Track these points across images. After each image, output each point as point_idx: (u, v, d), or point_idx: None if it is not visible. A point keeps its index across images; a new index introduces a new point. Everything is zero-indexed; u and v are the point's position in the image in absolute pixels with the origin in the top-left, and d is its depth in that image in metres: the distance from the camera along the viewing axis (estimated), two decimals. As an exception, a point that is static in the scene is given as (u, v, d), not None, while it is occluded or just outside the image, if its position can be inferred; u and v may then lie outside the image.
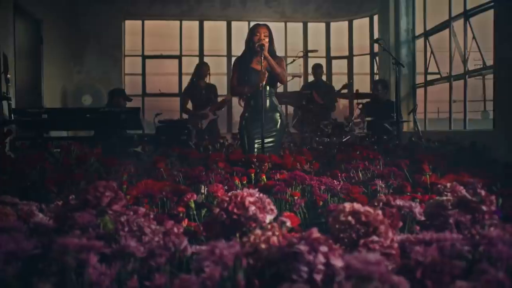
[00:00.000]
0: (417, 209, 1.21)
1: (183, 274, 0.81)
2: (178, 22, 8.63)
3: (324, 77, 8.20)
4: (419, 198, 1.62)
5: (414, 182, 2.00)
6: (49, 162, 2.62)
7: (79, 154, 2.72)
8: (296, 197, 1.83)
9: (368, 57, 8.85)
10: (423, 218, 1.22)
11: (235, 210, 1.07)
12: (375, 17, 8.25)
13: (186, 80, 8.81)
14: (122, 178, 2.12)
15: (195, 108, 5.90)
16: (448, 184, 1.49)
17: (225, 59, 8.90)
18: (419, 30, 6.80)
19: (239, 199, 1.10)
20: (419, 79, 6.82)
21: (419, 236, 0.97)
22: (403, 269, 0.81)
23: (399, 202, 1.26)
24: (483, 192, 1.28)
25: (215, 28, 8.94)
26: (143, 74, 8.52)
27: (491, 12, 4.43)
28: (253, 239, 0.89)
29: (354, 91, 5.80)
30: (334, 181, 2.11)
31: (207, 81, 5.99)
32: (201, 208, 1.51)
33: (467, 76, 5.25)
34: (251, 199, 1.10)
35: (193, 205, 1.46)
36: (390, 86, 6.04)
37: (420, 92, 6.76)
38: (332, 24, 9.19)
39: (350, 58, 9.09)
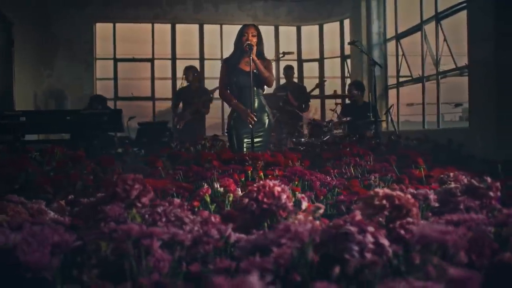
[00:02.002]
0: (432, 196, 1.27)
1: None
2: (150, 25, 8.55)
3: (295, 79, 8.32)
4: (421, 188, 1.68)
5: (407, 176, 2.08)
6: (33, 165, 2.56)
7: (62, 157, 2.68)
8: (297, 192, 1.86)
9: (338, 60, 9.04)
10: (437, 205, 1.28)
11: (265, 200, 1.10)
12: (346, 21, 8.45)
13: (158, 83, 8.76)
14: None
15: (183, 110, 5.95)
16: (451, 174, 1.57)
17: (197, 62, 8.87)
18: (391, 33, 7.01)
19: (267, 188, 1.12)
20: (391, 81, 7.04)
21: (447, 217, 1.02)
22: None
23: (412, 190, 1.33)
24: (489, 179, 1.36)
25: (187, 32, 8.91)
26: (115, 77, 8.38)
27: (461, 15, 4.63)
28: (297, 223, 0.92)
29: (332, 92, 5.91)
30: (327, 177, 2.16)
31: (200, 85, 6.02)
32: (210, 204, 1.53)
33: (439, 77, 5.47)
34: (279, 189, 1.13)
35: (208, 199, 1.47)
36: (364, 88, 6.19)
37: (392, 93, 6.98)
38: (303, 28, 9.35)
39: (321, 61, 9.26)
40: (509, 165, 2.26)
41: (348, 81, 8.44)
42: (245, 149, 3.18)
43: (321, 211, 1.03)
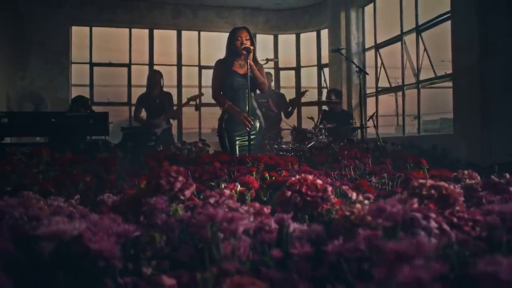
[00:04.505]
0: (458, 190, 1.31)
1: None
2: (127, 30, 8.43)
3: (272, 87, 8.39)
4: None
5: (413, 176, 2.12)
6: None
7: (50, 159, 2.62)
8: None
9: (315, 68, 9.18)
10: (462, 199, 1.32)
11: (309, 192, 1.11)
12: (322, 32, 8.61)
13: (135, 89, 8.62)
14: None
15: (148, 117, 5.78)
16: (466, 172, 1.63)
17: (175, 68, 8.81)
18: (371, 44, 7.19)
19: (309, 181, 1.13)
20: (369, 90, 7.22)
21: (488, 207, 1.06)
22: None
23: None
24: (507, 175, 1.42)
25: (165, 37, 8.84)
26: (91, 82, 8.20)
27: (439, 26, 4.80)
28: (358, 211, 0.93)
29: (317, 99, 5.99)
30: (328, 179, 2.20)
31: (161, 90, 5.88)
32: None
33: (420, 86, 5.64)
34: (320, 182, 1.14)
35: (236, 195, 1.47)
36: (342, 96, 6.31)
37: (371, 101, 7.15)
38: (280, 37, 9.46)
39: (297, 69, 9.38)
40: (503, 168, 2.35)
41: (325, 90, 8.59)
42: (237, 151, 3.18)
43: (369, 201, 1.05)
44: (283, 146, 5.63)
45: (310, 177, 1.15)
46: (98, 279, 0.80)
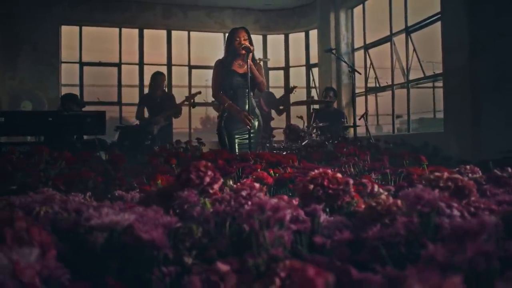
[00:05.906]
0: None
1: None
2: (117, 30, 8.40)
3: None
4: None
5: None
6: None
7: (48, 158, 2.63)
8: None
9: (303, 68, 9.27)
10: (472, 191, 1.40)
11: (330, 185, 1.17)
12: (311, 32, 8.71)
13: (125, 88, 8.60)
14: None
15: (149, 116, 5.87)
16: (468, 166, 1.71)
17: (165, 68, 8.80)
18: (361, 44, 7.31)
19: (330, 175, 1.19)
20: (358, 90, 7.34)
21: (499, 198, 1.13)
22: None
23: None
24: (509, 169, 1.50)
25: (155, 37, 8.83)
26: (81, 81, 8.14)
27: (428, 28, 4.91)
28: (384, 202, 0.99)
29: (309, 97, 6.06)
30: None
31: (163, 91, 5.95)
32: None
33: (409, 85, 5.77)
34: (340, 175, 1.20)
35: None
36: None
37: (360, 101, 7.28)
38: (269, 37, 9.53)
39: (286, 69, 9.45)
40: (495, 164, 2.44)
41: (313, 90, 8.69)
42: (237, 149, 3.23)
43: (391, 192, 1.12)
44: (275, 145, 5.70)
45: (329, 171, 1.22)
46: (146, 268, 0.85)
